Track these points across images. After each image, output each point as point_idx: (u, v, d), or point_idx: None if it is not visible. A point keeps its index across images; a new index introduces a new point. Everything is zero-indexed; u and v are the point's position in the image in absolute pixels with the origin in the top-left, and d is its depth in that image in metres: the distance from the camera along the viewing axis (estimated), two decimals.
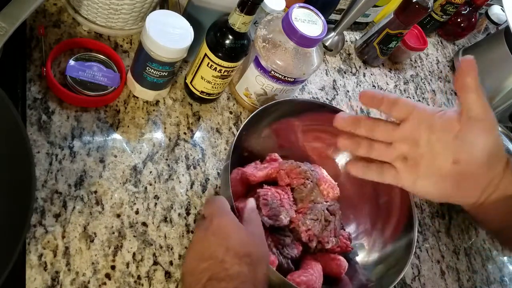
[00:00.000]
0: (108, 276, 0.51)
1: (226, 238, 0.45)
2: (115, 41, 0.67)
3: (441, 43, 1.12)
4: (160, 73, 0.59)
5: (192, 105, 0.68)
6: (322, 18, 0.63)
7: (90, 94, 0.59)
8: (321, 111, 0.64)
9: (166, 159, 0.62)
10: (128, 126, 0.61)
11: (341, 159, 0.70)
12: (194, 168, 0.63)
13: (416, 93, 0.97)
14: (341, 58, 0.91)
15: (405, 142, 0.49)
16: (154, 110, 0.64)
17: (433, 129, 0.47)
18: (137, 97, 0.64)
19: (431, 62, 1.06)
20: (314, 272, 0.56)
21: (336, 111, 0.57)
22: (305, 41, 0.61)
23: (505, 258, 0.85)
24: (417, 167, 0.49)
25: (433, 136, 0.47)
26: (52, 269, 0.49)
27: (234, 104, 0.72)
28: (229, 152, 0.56)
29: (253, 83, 0.67)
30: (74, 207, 0.53)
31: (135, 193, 0.57)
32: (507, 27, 0.91)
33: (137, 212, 0.56)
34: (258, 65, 0.64)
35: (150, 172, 0.60)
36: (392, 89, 0.94)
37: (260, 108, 0.58)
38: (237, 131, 0.69)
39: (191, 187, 0.61)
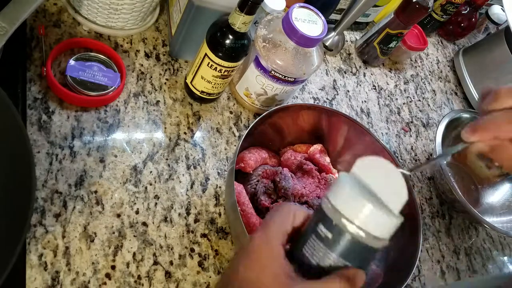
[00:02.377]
0: (108, 276, 0.51)
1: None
2: (115, 41, 0.67)
3: (441, 43, 1.12)
4: None
5: (192, 105, 0.68)
6: (322, 18, 0.63)
7: (90, 94, 0.59)
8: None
9: (166, 159, 0.62)
10: (128, 126, 0.61)
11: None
12: (194, 168, 0.63)
13: (416, 93, 0.97)
14: (341, 58, 0.91)
15: None
16: (154, 110, 0.64)
17: None
18: (137, 97, 0.64)
19: (431, 62, 1.06)
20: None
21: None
22: (305, 41, 0.61)
23: (505, 258, 0.85)
24: None
25: None
26: (52, 269, 0.49)
27: (234, 104, 0.72)
28: (234, 157, 0.56)
29: (253, 83, 0.67)
30: (74, 207, 0.53)
31: (135, 193, 0.57)
32: (507, 27, 0.91)
33: (137, 212, 0.56)
34: (258, 65, 0.64)
35: (150, 172, 0.60)
36: (392, 89, 0.94)
37: (266, 112, 0.59)
38: (237, 131, 0.69)
39: (191, 187, 0.61)
